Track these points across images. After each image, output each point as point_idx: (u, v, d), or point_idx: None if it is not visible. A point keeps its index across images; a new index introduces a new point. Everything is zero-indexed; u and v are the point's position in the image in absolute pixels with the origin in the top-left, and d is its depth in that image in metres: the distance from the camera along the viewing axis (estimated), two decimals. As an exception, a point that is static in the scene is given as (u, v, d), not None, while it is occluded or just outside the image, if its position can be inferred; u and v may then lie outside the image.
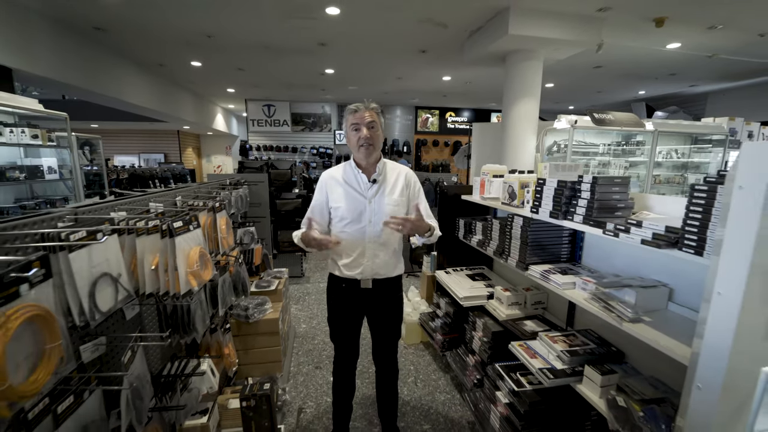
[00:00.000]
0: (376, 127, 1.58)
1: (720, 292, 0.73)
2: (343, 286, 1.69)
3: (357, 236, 1.63)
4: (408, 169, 1.76)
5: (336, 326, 1.79)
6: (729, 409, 0.74)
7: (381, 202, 1.64)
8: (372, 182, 1.63)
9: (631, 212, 1.49)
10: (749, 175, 0.67)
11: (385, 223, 1.53)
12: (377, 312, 1.75)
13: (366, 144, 1.55)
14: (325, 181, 1.69)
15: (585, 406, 1.64)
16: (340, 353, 1.83)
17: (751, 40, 4.56)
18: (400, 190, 1.68)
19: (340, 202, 1.64)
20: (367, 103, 1.57)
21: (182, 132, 11.15)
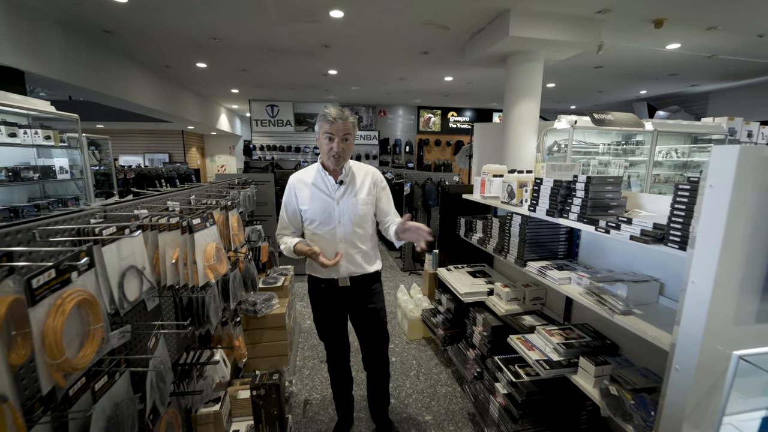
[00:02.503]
0: (349, 140, 1.61)
1: (694, 281, 0.80)
2: (322, 286, 1.74)
3: (329, 237, 1.68)
4: (374, 169, 1.81)
5: (322, 326, 1.83)
6: (703, 389, 0.81)
7: (349, 202, 1.68)
8: (339, 183, 1.68)
9: (624, 210, 1.56)
10: (718, 174, 0.74)
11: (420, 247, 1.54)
12: (359, 310, 1.79)
13: (337, 156, 1.60)
14: (293, 184, 1.72)
15: (580, 396, 1.71)
16: (331, 350, 1.89)
17: (749, 40, 4.60)
18: (368, 189, 1.73)
19: (308, 204, 1.68)
20: (345, 115, 1.57)
21: (186, 132, 11.26)
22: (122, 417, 0.91)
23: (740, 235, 0.75)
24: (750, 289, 0.78)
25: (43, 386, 0.59)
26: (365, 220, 1.73)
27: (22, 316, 0.61)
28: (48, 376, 0.59)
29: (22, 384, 0.70)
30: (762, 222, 0.75)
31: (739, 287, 0.77)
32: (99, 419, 0.82)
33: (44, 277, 0.59)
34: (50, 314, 0.59)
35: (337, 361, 1.90)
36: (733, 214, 0.73)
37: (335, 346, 1.87)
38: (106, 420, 0.85)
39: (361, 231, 1.72)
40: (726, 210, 0.73)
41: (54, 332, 0.58)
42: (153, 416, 1.09)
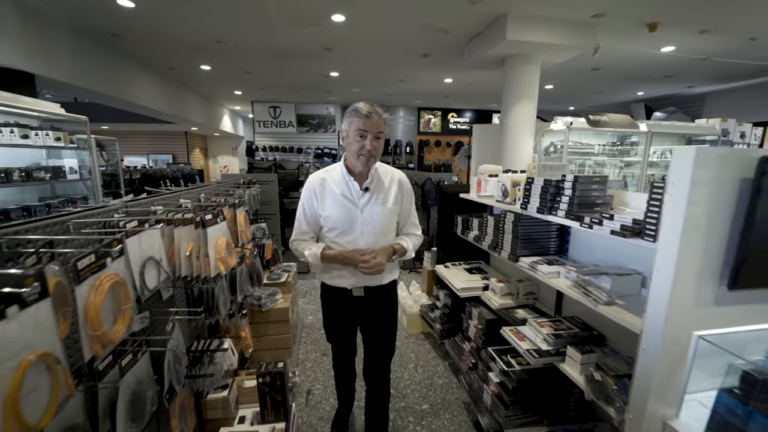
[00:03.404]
0: (381, 138, 1.50)
1: (658, 269, 0.89)
2: (335, 294, 1.65)
3: (349, 248, 1.56)
4: (401, 173, 1.69)
5: (332, 331, 1.79)
6: (667, 366, 0.91)
7: (374, 211, 1.56)
8: (364, 190, 1.55)
9: (610, 208, 1.65)
10: (679, 173, 0.83)
11: None
12: (370, 321, 1.71)
13: (368, 155, 1.47)
14: (313, 185, 1.57)
15: (569, 384, 1.80)
16: (338, 353, 1.87)
17: (742, 43, 4.69)
18: (394, 197, 1.61)
19: (331, 210, 1.54)
20: (378, 111, 1.46)
21: (190, 133, 11.38)
22: (144, 392, 1.01)
23: (699, 228, 0.84)
24: (708, 275, 0.87)
25: (85, 354, 0.69)
26: (388, 229, 1.62)
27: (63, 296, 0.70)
28: (89, 345, 0.68)
29: (65, 354, 0.79)
30: (718, 215, 0.84)
31: (699, 274, 0.87)
32: (125, 392, 0.91)
33: (87, 261, 0.69)
34: (91, 292, 0.69)
35: (343, 363, 1.90)
36: (692, 209, 0.82)
37: (342, 350, 1.84)
38: (131, 393, 0.95)
39: (384, 242, 1.59)
40: (684, 205, 0.82)
41: (94, 308, 0.68)
42: (169, 396, 1.19)
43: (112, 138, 4.65)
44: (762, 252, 0.83)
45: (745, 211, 0.82)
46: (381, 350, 1.76)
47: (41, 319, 0.55)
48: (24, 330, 0.51)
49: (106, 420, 0.89)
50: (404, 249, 1.64)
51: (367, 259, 1.50)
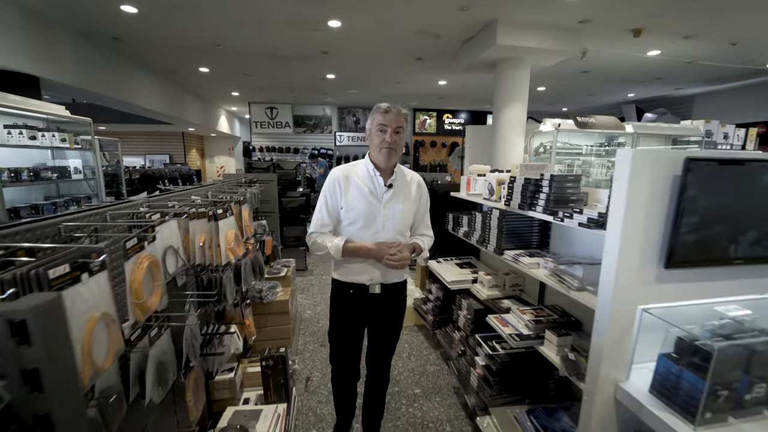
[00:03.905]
0: (401, 133, 1.55)
1: (607, 252, 1.05)
2: (350, 292, 1.65)
3: (370, 242, 1.59)
4: (419, 176, 1.77)
5: (340, 330, 1.73)
6: (617, 336, 1.06)
7: (395, 208, 1.61)
8: (388, 187, 1.60)
9: (583, 204, 1.81)
10: (621, 170, 0.99)
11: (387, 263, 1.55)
12: (381, 319, 1.72)
13: (389, 148, 1.53)
14: (337, 178, 1.61)
15: (549, 367, 1.96)
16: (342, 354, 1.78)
17: (724, 48, 4.89)
18: (413, 198, 1.68)
19: (355, 204, 1.58)
20: (397, 108, 1.53)
21: (187, 134, 11.48)
22: (167, 362, 1.15)
23: (638, 217, 1.00)
24: (648, 257, 1.03)
25: (130, 317, 0.83)
26: (406, 227, 1.68)
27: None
28: (133, 311, 0.83)
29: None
30: (654, 207, 1.00)
31: (640, 256, 1.02)
32: (153, 360, 1.06)
33: (132, 242, 0.84)
34: (135, 267, 0.83)
35: (346, 366, 1.81)
36: (632, 201, 0.98)
37: (348, 351, 1.77)
38: (156, 362, 1.10)
39: (402, 239, 1.65)
40: (625, 198, 0.98)
41: (137, 280, 0.83)
42: (185, 370, 1.33)
43: (114, 139, 4.77)
44: (689, 237, 0.99)
45: (675, 203, 0.98)
46: (388, 345, 1.80)
47: (102, 287, 0.69)
48: (92, 293, 0.66)
49: (135, 385, 1.04)
50: (422, 248, 1.70)
51: (394, 252, 1.54)
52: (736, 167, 1.00)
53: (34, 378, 0.35)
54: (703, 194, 0.98)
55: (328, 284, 4.30)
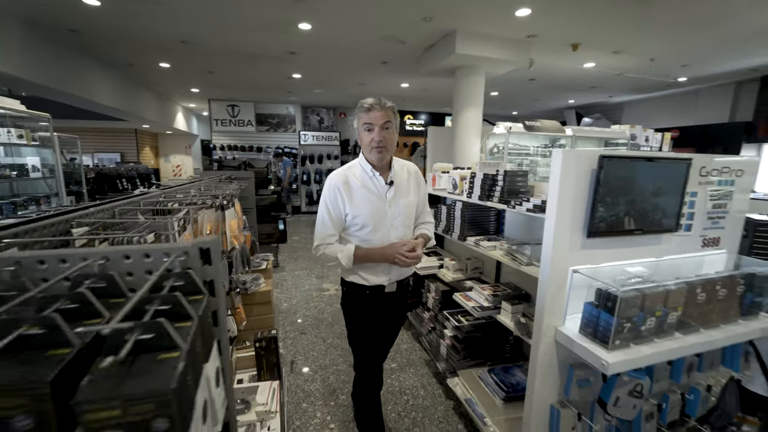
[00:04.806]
0: (390, 128, 1.49)
1: (546, 228, 1.38)
2: (367, 293, 1.60)
3: (381, 243, 1.54)
4: (412, 164, 1.73)
5: (362, 335, 1.69)
6: (555, 291, 1.40)
7: (400, 204, 1.58)
8: (389, 184, 1.56)
9: (530, 195, 2.18)
10: (554, 166, 1.32)
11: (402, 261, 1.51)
12: (393, 315, 1.71)
13: (379, 146, 1.48)
14: (337, 185, 1.52)
15: (505, 333, 2.32)
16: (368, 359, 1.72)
17: (645, 63, 5.67)
18: (413, 189, 1.65)
19: (361, 209, 1.52)
20: (382, 102, 1.47)
21: (140, 131, 10.91)
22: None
23: (567, 200, 1.34)
24: (576, 229, 1.37)
25: (228, 245, 1.07)
26: (413, 221, 1.67)
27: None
28: (230, 239, 1.06)
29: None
30: (579, 192, 1.35)
31: (570, 229, 1.37)
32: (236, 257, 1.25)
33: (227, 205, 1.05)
34: (229, 216, 1.05)
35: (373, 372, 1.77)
36: (562, 190, 1.32)
37: (374, 355, 1.73)
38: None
39: (410, 233, 1.63)
40: (558, 187, 1.31)
41: (232, 222, 1.05)
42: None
43: (73, 136, 4.57)
44: (603, 214, 1.35)
45: (593, 189, 1.33)
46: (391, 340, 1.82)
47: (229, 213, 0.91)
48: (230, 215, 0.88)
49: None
50: (429, 237, 1.69)
51: (407, 252, 1.50)
52: (634, 162, 1.37)
53: (210, 288, 0.56)
54: (611, 182, 1.34)
55: (301, 279, 4.49)
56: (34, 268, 0.49)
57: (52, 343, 0.39)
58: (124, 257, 0.53)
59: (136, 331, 0.38)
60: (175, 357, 0.39)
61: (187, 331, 0.43)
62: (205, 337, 0.51)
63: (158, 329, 0.39)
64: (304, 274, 4.67)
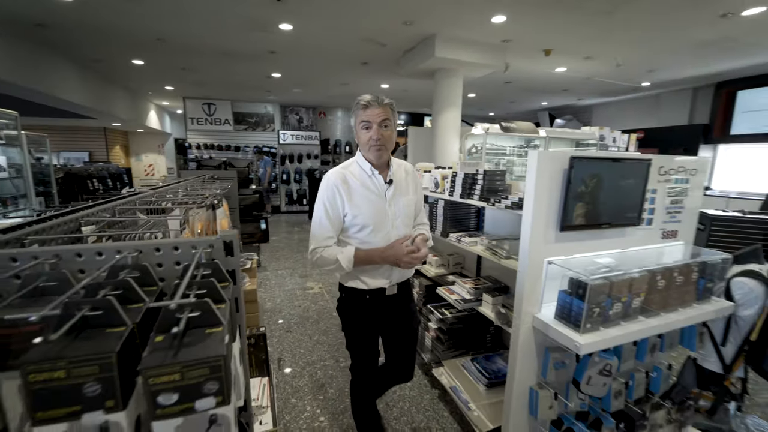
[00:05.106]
0: (389, 126, 1.46)
1: (524, 223, 1.49)
2: (367, 297, 1.55)
3: (382, 244, 1.50)
4: (408, 163, 1.70)
5: (360, 340, 1.64)
6: (532, 281, 1.52)
7: (400, 203, 1.54)
8: (388, 183, 1.53)
9: (508, 193, 2.31)
10: (530, 166, 1.43)
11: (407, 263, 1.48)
12: (399, 317, 1.66)
13: (377, 144, 1.44)
14: (335, 184, 1.47)
15: (486, 324, 2.45)
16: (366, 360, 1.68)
17: (612, 68, 5.99)
18: (412, 188, 1.62)
19: (361, 209, 1.47)
20: (380, 99, 1.44)
21: (110, 129, 10.48)
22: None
23: (542, 197, 1.45)
24: (550, 224, 1.49)
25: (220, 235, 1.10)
26: (412, 220, 1.63)
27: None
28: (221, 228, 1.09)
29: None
30: (553, 190, 1.47)
31: (545, 224, 1.48)
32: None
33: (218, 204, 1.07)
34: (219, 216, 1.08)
35: (370, 371, 1.72)
36: (538, 188, 1.43)
37: (371, 356, 1.69)
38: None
39: (409, 232, 1.60)
40: (534, 185, 1.43)
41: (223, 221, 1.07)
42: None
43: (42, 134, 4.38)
44: (574, 209, 1.48)
45: (565, 187, 1.45)
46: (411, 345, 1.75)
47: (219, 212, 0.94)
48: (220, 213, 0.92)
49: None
50: (428, 238, 1.66)
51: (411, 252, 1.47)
52: (601, 162, 1.51)
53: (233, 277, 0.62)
54: (581, 180, 1.47)
55: (284, 278, 4.49)
56: (72, 260, 0.54)
57: (109, 322, 0.44)
58: (155, 250, 0.58)
59: (187, 310, 0.44)
60: (220, 331, 0.46)
61: (223, 312, 0.50)
62: (232, 320, 0.57)
63: (205, 308, 0.45)
64: (287, 274, 4.68)
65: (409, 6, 3.75)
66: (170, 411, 0.42)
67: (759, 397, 2.37)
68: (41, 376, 0.38)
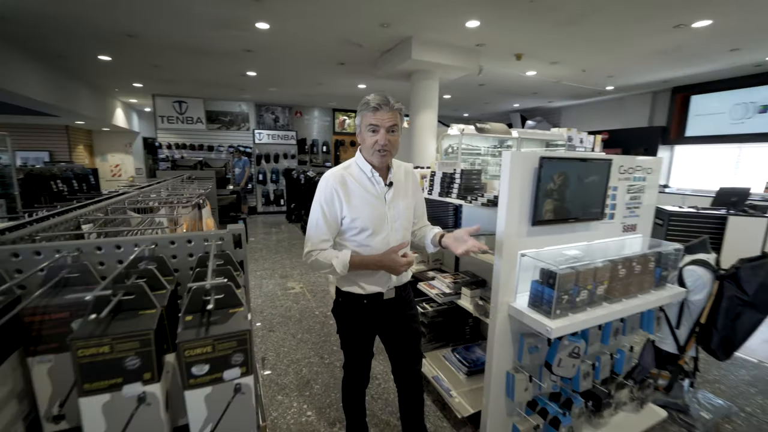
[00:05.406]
0: (396, 131, 1.42)
1: (499, 219, 1.61)
2: (364, 302, 1.52)
3: (381, 248, 1.47)
4: (408, 165, 1.68)
5: (355, 344, 1.62)
6: (507, 272, 1.63)
7: (399, 206, 1.52)
8: (388, 185, 1.50)
9: (484, 191, 2.43)
10: (505, 166, 1.55)
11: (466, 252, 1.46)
12: (398, 321, 1.62)
13: (383, 150, 1.40)
14: (333, 187, 1.43)
15: (465, 317, 2.56)
16: (359, 362, 1.66)
17: (578, 73, 6.31)
18: (412, 190, 1.60)
19: (360, 211, 1.44)
20: (391, 102, 1.39)
21: (72, 127, 9.95)
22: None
23: (515, 194, 1.57)
24: (523, 219, 1.61)
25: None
26: (411, 223, 1.61)
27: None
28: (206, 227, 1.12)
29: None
30: (525, 187, 1.59)
31: (518, 219, 1.60)
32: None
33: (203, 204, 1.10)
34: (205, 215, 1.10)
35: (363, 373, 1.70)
36: (511, 186, 1.55)
37: (364, 359, 1.67)
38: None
39: (408, 236, 1.57)
40: (507, 183, 1.54)
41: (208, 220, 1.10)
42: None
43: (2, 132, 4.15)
44: (543, 205, 1.60)
45: (535, 185, 1.58)
46: (415, 352, 1.69)
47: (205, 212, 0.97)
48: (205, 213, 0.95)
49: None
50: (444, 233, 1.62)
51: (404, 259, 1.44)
52: (568, 162, 1.64)
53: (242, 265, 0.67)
54: (550, 178, 1.59)
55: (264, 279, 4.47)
56: (92, 253, 0.58)
57: (140, 306, 0.49)
58: (170, 242, 0.62)
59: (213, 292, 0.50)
60: (242, 310, 0.52)
61: (241, 295, 0.55)
62: (245, 304, 0.62)
63: (228, 291, 0.51)
64: (267, 274, 4.65)
65: (387, 9, 3.83)
66: (202, 381, 0.47)
67: (708, 374, 2.61)
68: (89, 351, 0.43)
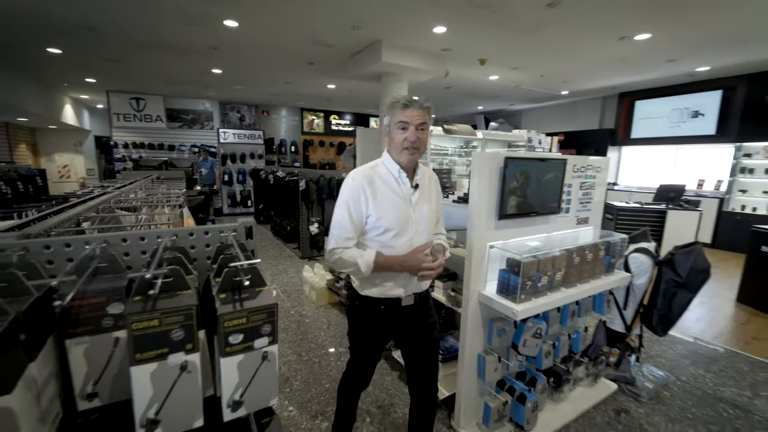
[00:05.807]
0: (425, 129, 1.41)
1: (469, 214, 1.76)
2: (381, 308, 1.48)
3: (404, 249, 1.43)
4: (431, 170, 1.64)
5: (366, 348, 1.59)
6: (477, 262, 1.78)
7: (423, 209, 1.49)
8: (414, 187, 1.48)
9: (454, 189, 2.60)
10: (474, 165, 1.70)
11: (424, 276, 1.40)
12: (417, 330, 1.56)
13: (412, 147, 1.38)
14: (360, 184, 1.41)
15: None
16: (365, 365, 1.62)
17: (536, 78, 6.72)
18: (435, 195, 1.57)
19: (386, 211, 1.41)
20: (419, 101, 1.39)
21: (12, 125, 9.15)
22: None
23: (483, 191, 1.73)
24: (491, 214, 1.78)
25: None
26: (434, 227, 1.57)
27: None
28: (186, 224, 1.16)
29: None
30: (492, 185, 1.75)
31: (487, 213, 1.76)
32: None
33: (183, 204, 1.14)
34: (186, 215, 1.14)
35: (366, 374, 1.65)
36: (480, 183, 1.70)
37: (371, 362, 1.63)
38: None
39: (431, 239, 1.54)
40: (477, 182, 1.69)
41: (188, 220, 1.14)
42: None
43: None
44: (508, 201, 1.78)
45: (501, 182, 1.74)
46: (432, 363, 1.61)
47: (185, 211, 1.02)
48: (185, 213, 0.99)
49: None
50: (446, 248, 1.57)
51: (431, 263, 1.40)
52: (529, 162, 1.82)
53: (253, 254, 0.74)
54: (513, 177, 1.76)
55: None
56: (119, 244, 0.63)
57: (177, 287, 0.56)
58: (189, 234, 0.69)
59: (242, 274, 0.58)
60: (267, 289, 0.60)
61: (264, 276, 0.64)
62: (259, 288, 0.70)
63: (255, 272, 0.59)
64: (239, 276, 4.58)
65: (358, 12, 3.92)
66: (236, 348, 0.55)
67: (651, 350, 2.93)
68: (141, 325, 0.50)
